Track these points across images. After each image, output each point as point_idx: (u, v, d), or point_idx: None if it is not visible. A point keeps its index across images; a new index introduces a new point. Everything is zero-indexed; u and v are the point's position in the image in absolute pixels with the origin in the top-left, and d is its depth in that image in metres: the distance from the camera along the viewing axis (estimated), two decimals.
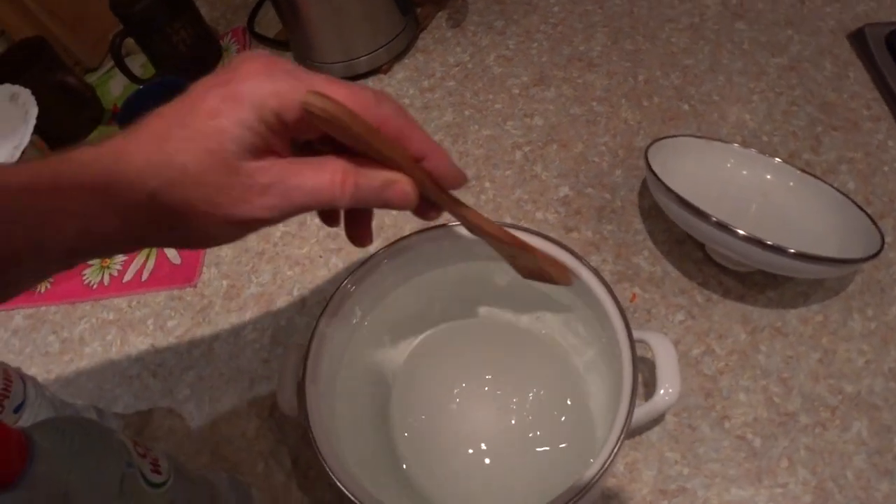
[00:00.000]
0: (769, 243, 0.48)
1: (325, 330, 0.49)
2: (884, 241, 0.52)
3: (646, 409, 0.45)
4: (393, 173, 0.31)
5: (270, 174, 0.29)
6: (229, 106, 0.28)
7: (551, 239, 0.49)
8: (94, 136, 0.86)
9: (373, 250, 0.51)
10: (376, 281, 0.52)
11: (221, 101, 0.29)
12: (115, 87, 0.90)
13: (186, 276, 0.69)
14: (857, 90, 0.67)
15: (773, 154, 0.61)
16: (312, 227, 0.69)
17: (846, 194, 0.57)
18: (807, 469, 0.48)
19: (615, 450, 0.40)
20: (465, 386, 0.53)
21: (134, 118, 0.32)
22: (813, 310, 0.55)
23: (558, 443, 0.49)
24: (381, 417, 0.53)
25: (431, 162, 0.33)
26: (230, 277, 0.68)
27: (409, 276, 0.53)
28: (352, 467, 0.43)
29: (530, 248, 0.43)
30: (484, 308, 0.56)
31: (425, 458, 0.51)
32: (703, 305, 0.57)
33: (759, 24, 0.74)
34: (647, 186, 0.64)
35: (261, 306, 0.65)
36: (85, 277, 0.73)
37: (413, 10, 0.80)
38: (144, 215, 0.30)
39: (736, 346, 0.54)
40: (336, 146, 0.31)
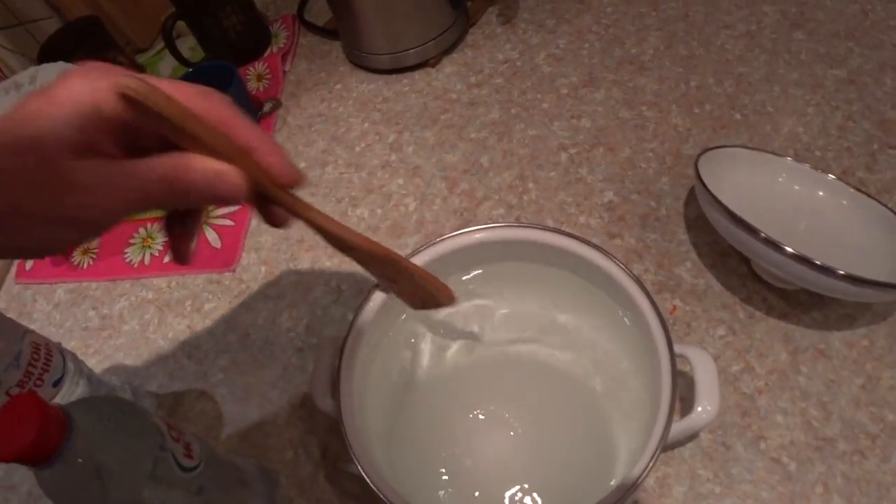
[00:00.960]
0: (818, 263, 0.47)
1: (362, 325, 0.49)
2: None
3: (682, 425, 0.44)
4: (222, 164, 0.30)
5: (95, 173, 0.28)
6: (47, 106, 0.28)
7: (593, 244, 0.48)
8: None
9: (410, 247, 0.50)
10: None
11: (39, 105, 0.28)
12: (164, 69, 0.91)
13: (226, 260, 0.70)
14: None
15: (826, 170, 0.59)
16: (353, 218, 0.69)
17: None
18: (842, 497, 0.47)
19: (651, 463, 0.40)
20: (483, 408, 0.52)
21: None
22: (858, 333, 0.53)
23: (576, 459, 0.49)
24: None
25: (260, 154, 0.32)
26: (269, 264, 0.69)
27: (450, 274, 0.53)
28: (382, 467, 0.44)
29: (404, 263, 0.42)
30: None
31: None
32: (745, 322, 0.55)
33: (818, 35, 0.72)
34: (693, 196, 0.63)
35: (298, 295, 0.65)
36: (126, 255, 0.74)
37: (464, 4, 0.79)
38: None
39: (776, 365, 0.53)
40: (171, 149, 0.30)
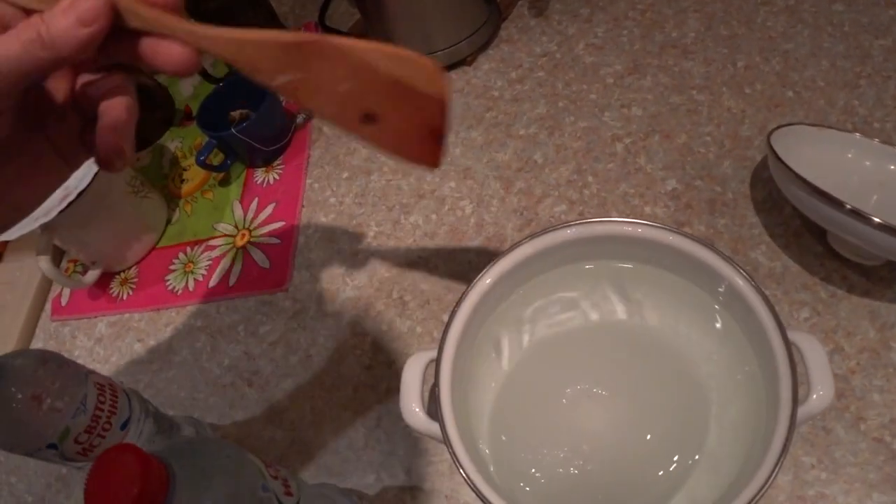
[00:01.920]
0: None
1: (454, 336, 0.47)
2: None
3: (800, 413, 0.43)
4: None
5: None
6: None
7: (675, 230, 0.47)
8: (165, 139, 0.84)
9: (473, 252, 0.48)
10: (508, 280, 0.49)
11: None
12: (186, 88, 0.88)
13: (276, 280, 0.67)
14: None
15: (888, 142, 0.59)
16: (407, 225, 0.67)
17: None
18: None
19: (781, 459, 0.39)
20: (578, 388, 0.50)
21: (213, 117, 0.28)
22: None
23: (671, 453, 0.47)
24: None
25: None
26: (323, 281, 0.66)
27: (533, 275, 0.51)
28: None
29: (334, 44, 0.28)
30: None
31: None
32: (828, 301, 0.54)
33: (858, 5, 0.71)
34: (758, 177, 0.61)
35: (359, 310, 0.63)
36: (168, 283, 0.71)
37: None
38: None
39: (866, 343, 0.52)
40: None
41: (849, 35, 0.69)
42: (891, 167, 0.58)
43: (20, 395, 0.44)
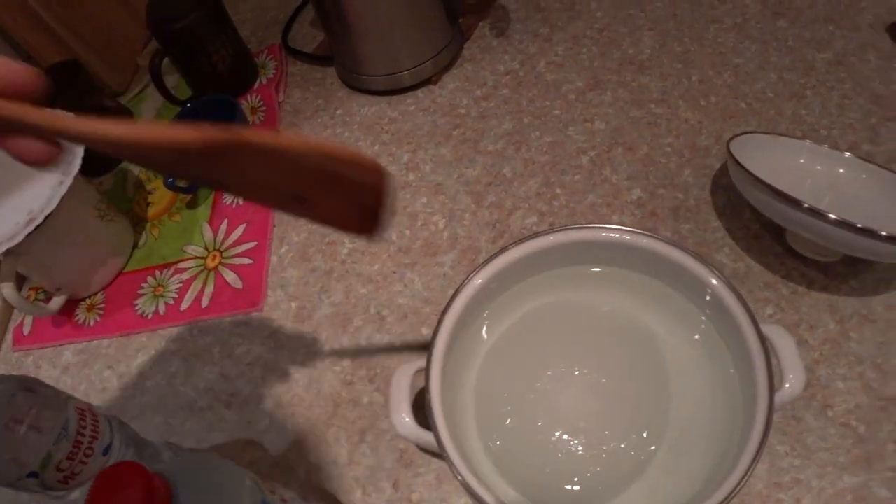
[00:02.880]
0: (860, 226, 0.49)
1: (441, 345, 0.48)
2: None
3: (776, 401, 0.45)
4: None
5: None
6: None
7: (644, 232, 0.49)
8: (125, 163, 0.82)
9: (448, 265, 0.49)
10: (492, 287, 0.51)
11: None
12: (147, 111, 0.87)
13: (251, 300, 0.66)
14: None
15: (834, 146, 0.62)
16: (381, 242, 0.67)
17: None
18: None
19: (760, 449, 0.40)
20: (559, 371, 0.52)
21: None
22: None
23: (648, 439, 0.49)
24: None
25: None
26: (299, 299, 0.66)
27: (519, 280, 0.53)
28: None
29: (276, 143, 0.25)
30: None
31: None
32: (790, 298, 0.57)
33: (800, 22, 0.76)
34: (718, 184, 0.64)
35: (336, 327, 0.63)
36: (137, 307, 0.70)
37: (458, 20, 0.79)
38: None
39: (827, 335, 0.55)
40: None
41: (793, 49, 0.73)
42: (840, 170, 0.62)
43: None
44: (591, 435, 0.48)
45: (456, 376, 0.50)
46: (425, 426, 0.45)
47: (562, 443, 0.48)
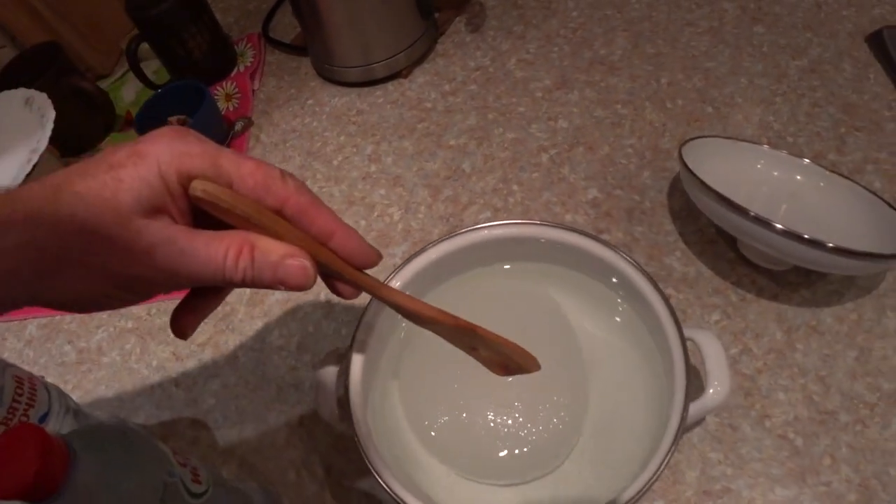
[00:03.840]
0: (807, 237, 0.48)
1: (365, 332, 0.48)
2: None
3: (696, 407, 0.44)
4: (290, 247, 0.30)
5: (162, 234, 0.28)
6: (133, 161, 0.28)
7: (586, 233, 0.49)
8: (105, 143, 0.84)
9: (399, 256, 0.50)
10: (419, 281, 0.51)
11: (127, 156, 0.28)
12: (128, 94, 0.88)
13: None
14: (878, 91, 0.67)
15: (800, 155, 0.61)
16: None
17: (876, 193, 0.57)
18: (850, 467, 0.48)
19: (671, 451, 0.40)
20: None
21: (152, 122, 0.31)
22: (847, 308, 0.55)
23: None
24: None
25: (338, 239, 0.32)
26: None
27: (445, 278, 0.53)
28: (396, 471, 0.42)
29: (482, 332, 0.40)
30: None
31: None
32: (738, 305, 0.56)
33: (777, 28, 0.75)
34: (676, 187, 0.64)
35: (286, 313, 0.64)
36: None
37: (432, 14, 0.80)
38: (23, 261, 0.27)
39: (773, 345, 0.54)
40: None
41: (767, 55, 0.72)
42: (797, 177, 0.61)
43: None
44: (518, 416, 0.48)
45: (379, 374, 0.50)
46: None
47: (489, 424, 0.48)
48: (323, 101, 0.82)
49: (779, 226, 0.49)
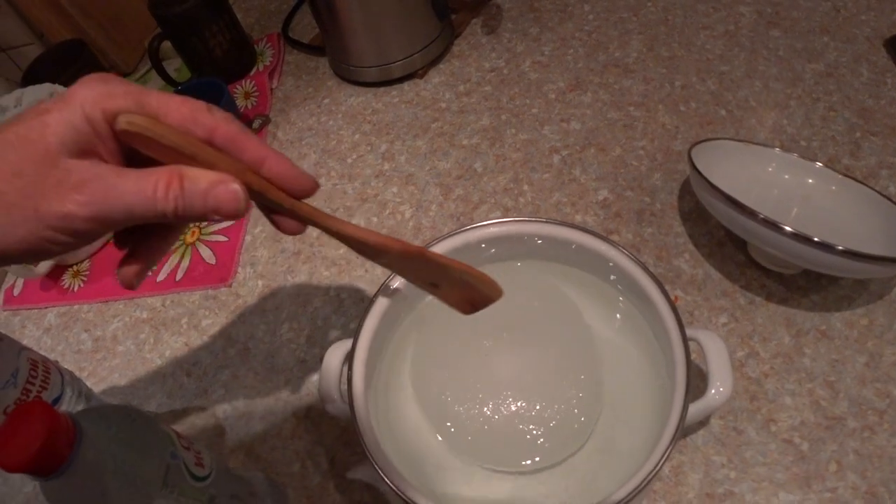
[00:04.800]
0: (817, 240, 0.48)
1: (371, 323, 0.48)
2: None
3: (697, 407, 0.44)
4: (220, 174, 0.29)
5: (91, 171, 0.28)
6: (59, 106, 0.28)
7: (581, 227, 0.49)
8: None
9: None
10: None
11: (53, 102, 0.29)
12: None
13: (221, 276, 0.69)
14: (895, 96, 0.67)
15: (813, 159, 0.61)
16: None
17: (890, 198, 0.57)
18: (856, 474, 0.47)
19: (668, 450, 0.40)
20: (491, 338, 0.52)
21: None
22: (858, 313, 0.54)
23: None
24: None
25: (271, 166, 0.32)
26: (266, 277, 0.68)
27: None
28: (400, 466, 0.43)
29: (441, 260, 0.38)
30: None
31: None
32: (746, 308, 0.56)
33: (794, 32, 0.74)
34: (686, 189, 0.64)
35: (297, 307, 0.65)
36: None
37: (449, 16, 0.80)
38: None
39: (780, 349, 0.53)
40: None
41: (783, 59, 0.72)
42: (809, 181, 0.60)
43: None
44: (536, 405, 0.48)
45: (385, 363, 0.51)
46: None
47: (509, 412, 0.48)
48: (339, 100, 0.83)
49: (788, 228, 0.49)
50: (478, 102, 0.77)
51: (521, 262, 0.54)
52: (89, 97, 0.28)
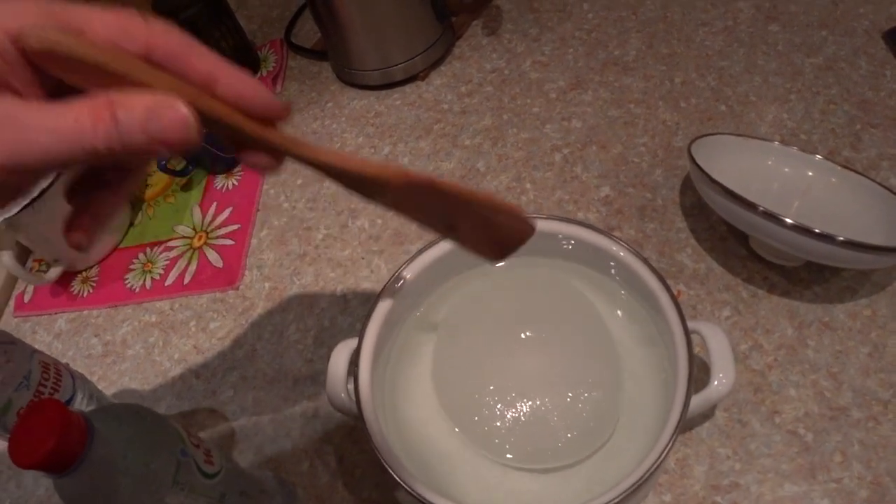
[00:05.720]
0: (818, 231, 0.48)
1: (375, 324, 0.49)
2: None
3: (700, 398, 0.45)
4: (159, 95, 0.23)
5: (2, 108, 0.23)
6: None
7: (596, 228, 0.49)
8: None
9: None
10: (428, 274, 0.52)
11: None
12: None
13: (228, 278, 0.70)
14: (895, 88, 0.67)
15: (814, 152, 0.61)
16: (354, 229, 0.70)
17: (890, 189, 0.57)
18: (861, 464, 0.47)
19: (671, 442, 0.40)
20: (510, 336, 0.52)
21: None
22: (860, 304, 0.55)
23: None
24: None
25: (226, 84, 0.25)
26: (272, 280, 0.69)
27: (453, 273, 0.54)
28: (407, 463, 0.43)
29: (445, 186, 0.30)
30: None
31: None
32: (749, 301, 0.56)
33: (792, 27, 0.74)
34: (688, 185, 0.64)
35: (304, 307, 0.66)
36: (127, 282, 0.74)
37: (449, 18, 0.81)
38: None
39: (784, 341, 0.54)
40: None
41: (782, 53, 0.72)
42: (809, 174, 0.61)
43: None
44: (559, 402, 0.48)
45: (392, 359, 0.51)
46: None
47: (531, 407, 0.48)
48: (342, 103, 0.84)
49: (789, 220, 0.49)
50: (479, 103, 0.77)
51: (524, 259, 0.54)
52: None
